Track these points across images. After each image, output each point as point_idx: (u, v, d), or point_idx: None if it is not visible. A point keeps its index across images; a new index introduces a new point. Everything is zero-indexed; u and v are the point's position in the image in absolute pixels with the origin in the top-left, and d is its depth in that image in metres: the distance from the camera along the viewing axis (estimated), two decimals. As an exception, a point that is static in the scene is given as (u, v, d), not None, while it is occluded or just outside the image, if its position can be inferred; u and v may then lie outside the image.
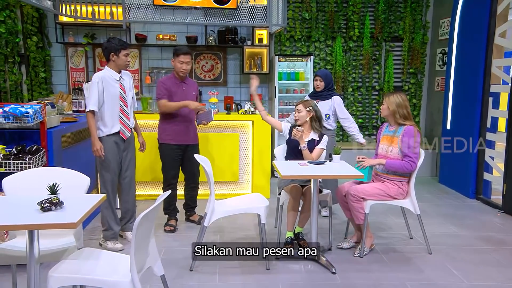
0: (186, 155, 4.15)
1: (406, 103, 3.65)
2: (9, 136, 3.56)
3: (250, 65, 6.34)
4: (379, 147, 3.76)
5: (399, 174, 3.61)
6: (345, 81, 6.78)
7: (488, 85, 5.19)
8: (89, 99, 3.54)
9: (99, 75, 3.58)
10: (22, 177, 2.71)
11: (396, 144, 3.59)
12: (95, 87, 3.51)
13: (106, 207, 3.66)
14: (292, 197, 3.66)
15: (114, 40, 3.61)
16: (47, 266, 2.58)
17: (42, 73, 6.07)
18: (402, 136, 3.56)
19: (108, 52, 3.59)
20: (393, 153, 3.60)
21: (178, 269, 3.32)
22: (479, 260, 3.58)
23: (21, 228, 2.11)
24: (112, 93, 3.59)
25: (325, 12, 6.62)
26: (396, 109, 3.61)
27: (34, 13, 5.92)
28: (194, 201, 4.41)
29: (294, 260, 3.50)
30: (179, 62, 3.98)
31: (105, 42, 3.64)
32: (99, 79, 3.54)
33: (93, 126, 3.53)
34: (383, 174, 3.67)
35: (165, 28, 6.31)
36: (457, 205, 5.16)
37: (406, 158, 3.53)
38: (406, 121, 3.61)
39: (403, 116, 3.61)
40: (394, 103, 3.61)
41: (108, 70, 3.63)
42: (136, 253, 2.12)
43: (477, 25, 5.33)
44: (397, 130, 3.62)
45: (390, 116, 3.66)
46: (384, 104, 3.69)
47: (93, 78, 3.57)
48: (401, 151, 3.56)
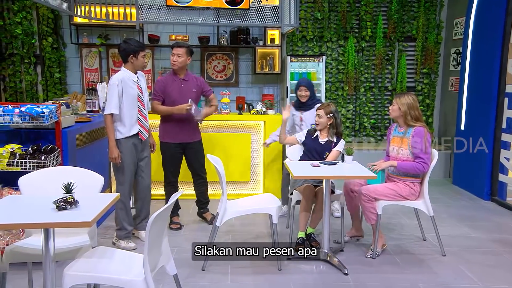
0: (188, 152, 4.18)
1: (417, 104, 3.61)
2: (25, 135, 3.62)
3: (262, 65, 6.34)
4: (390, 148, 3.73)
5: (411, 175, 3.58)
6: (358, 81, 6.74)
7: (504, 85, 5.11)
8: (109, 101, 3.51)
9: (118, 77, 3.56)
10: (37, 176, 2.75)
11: (406, 146, 3.57)
12: (115, 90, 3.50)
13: (121, 208, 3.69)
14: (305, 197, 3.66)
15: (132, 41, 3.61)
16: (62, 264, 2.62)
17: (57, 74, 6.15)
18: (412, 137, 3.53)
19: (127, 54, 3.58)
20: (404, 155, 3.58)
21: (190, 268, 3.34)
22: (493, 263, 3.53)
23: (37, 226, 2.14)
24: (131, 94, 3.59)
25: (337, 12, 6.59)
26: (408, 111, 3.57)
27: (49, 15, 6.00)
28: (205, 197, 4.42)
29: (306, 260, 3.49)
30: (171, 54, 4.00)
31: (123, 44, 3.62)
32: (119, 81, 3.53)
33: (112, 131, 3.54)
34: (395, 176, 3.64)
35: (178, 29, 6.34)
36: (471, 207, 5.10)
37: (417, 160, 3.50)
38: (417, 123, 3.58)
39: (414, 118, 3.58)
40: (406, 104, 3.57)
41: (126, 71, 3.63)
42: (150, 252, 2.14)
43: (492, 24, 5.26)
44: (407, 131, 3.59)
45: (401, 118, 3.63)
46: (394, 105, 3.65)
47: (112, 80, 3.55)
48: (411, 152, 3.53)
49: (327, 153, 3.79)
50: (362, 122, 6.84)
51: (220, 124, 5.17)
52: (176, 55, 3.98)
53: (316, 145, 3.83)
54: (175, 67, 4.04)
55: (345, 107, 6.80)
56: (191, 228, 4.27)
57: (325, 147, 3.81)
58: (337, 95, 6.76)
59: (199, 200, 4.42)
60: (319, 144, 3.83)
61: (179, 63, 4.01)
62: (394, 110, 3.66)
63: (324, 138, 3.84)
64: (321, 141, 3.84)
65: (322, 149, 3.81)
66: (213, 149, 4.96)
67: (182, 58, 4.00)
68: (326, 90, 6.53)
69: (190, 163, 4.26)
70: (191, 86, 4.15)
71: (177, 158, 4.16)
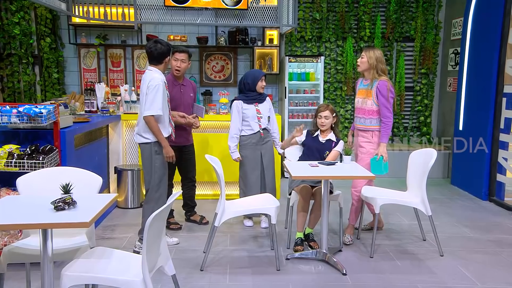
0: (182, 155, 4.17)
1: (383, 59, 3.85)
2: (23, 136, 3.61)
3: (260, 65, 6.34)
4: (356, 100, 4.00)
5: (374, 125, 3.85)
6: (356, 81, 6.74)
7: (502, 85, 5.12)
8: (152, 102, 3.35)
9: (161, 77, 3.42)
10: (35, 176, 2.74)
11: (370, 97, 3.80)
12: (160, 90, 3.38)
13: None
14: (302, 197, 3.66)
15: (163, 42, 3.50)
16: (60, 264, 2.62)
17: (55, 74, 6.14)
18: (379, 91, 3.75)
19: (164, 55, 3.47)
20: (368, 105, 3.82)
21: (189, 268, 3.34)
22: (492, 262, 3.54)
23: (35, 227, 2.13)
24: (166, 97, 3.53)
25: (335, 13, 6.59)
26: (376, 63, 3.77)
27: (47, 15, 5.99)
28: (193, 201, 4.43)
29: (305, 260, 3.50)
30: (174, 60, 3.93)
31: (158, 45, 3.45)
32: (163, 82, 3.42)
33: (160, 131, 3.46)
34: (360, 125, 3.91)
35: (176, 29, 6.34)
36: (470, 207, 5.11)
37: (384, 120, 3.76)
38: (381, 76, 3.79)
39: (381, 70, 3.80)
40: (374, 57, 3.78)
41: (158, 72, 3.49)
42: (148, 252, 2.14)
43: (490, 25, 5.27)
44: (372, 83, 3.80)
45: (368, 71, 3.83)
46: (363, 57, 3.84)
47: (155, 80, 3.38)
48: (376, 104, 3.77)
49: (327, 152, 3.81)
50: (361, 122, 6.84)
51: (218, 124, 5.17)
52: (180, 60, 3.95)
53: (317, 144, 3.85)
54: (179, 73, 4.02)
55: (344, 108, 6.81)
56: (189, 228, 4.27)
57: (325, 146, 3.83)
58: (335, 95, 6.77)
59: (187, 204, 4.41)
60: (319, 143, 3.85)
61: (183, 69, 4.01)
62: (363, 62, 3.85)
63: (324, 137, 3.86)
64: (322, 140, 3.85)
65: (323, 148, 3.83)
66: (212, 150, 4.96)
67: (185, 64, 4.00)
68: (324, 90, 6.53)
69: (183, 166, 4.25)
70: (189, 91, 4.18)
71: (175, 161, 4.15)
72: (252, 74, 4.17)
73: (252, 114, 4.11)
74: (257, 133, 4.14)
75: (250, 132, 4.15)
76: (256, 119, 4.12)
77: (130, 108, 5.21)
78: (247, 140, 4.15)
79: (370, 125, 3.84)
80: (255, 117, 4.12)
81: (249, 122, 4.12)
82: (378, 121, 3.82)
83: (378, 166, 3.75)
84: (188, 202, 4.40)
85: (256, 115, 4.12)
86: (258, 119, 4.12)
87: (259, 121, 4.13)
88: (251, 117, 4.11)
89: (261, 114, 4.14)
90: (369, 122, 3.84)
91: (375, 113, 3.80)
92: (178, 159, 4.18)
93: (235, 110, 4.12)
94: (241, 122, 4.13)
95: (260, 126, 4.14)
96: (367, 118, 3.84)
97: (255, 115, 4.12)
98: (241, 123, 4.14)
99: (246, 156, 4.16)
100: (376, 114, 3.80)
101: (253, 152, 4.15)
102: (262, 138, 4.17)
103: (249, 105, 4.12)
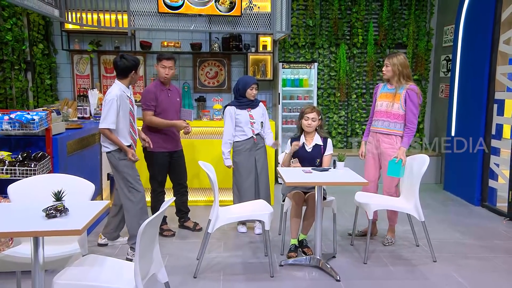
0: (174, 161, 4.18)
1: (407, 63, 3.84)
2: (15, 142, 3.58)
3: (254, 71, 6.36)
4: (378, 104, 3.94)
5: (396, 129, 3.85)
6: (349, 87, 6.79)
7: (493, 92, 5.18)
8: (106, 116, 3.45)
9: (117, 93, 3.48)
10: (27, 183, 2.72)
11: (398, 100, 3.80)
12: (114, 105, 3.46)
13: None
14: (295, 204, 3.66)
15: (130, 57, 3.56)
16: (51, 272, 2.59)
17: (47, 80, 6.11)
18: (408, 96, 3.76)
19: (129, 70, 3.55)
20: (395, 108, 3.81)
21: (182, 276, 3.32)
22: (484, 268, 3.55)
23: (26, 235, 2.11)
24: (125, 109, 3.57)
25: (329, 19, 6.64)
26: (401, 69, 3.78)
27: (40, 21, 5.97)
28: (186, 207, 4.42)
29: (298, 267, 3.49)
30: (162, 67, 4.00)
31: (123, 60, 3.52)
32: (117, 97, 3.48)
33: (118, 139, 3.53)
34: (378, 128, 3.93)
35: (170, 35, 6.34)
36: (462, 212, 5.13)
37: (409, 126, 3.78)
38: (408, 81, 3.80)
39: (407, 76, 3.79)
40: (398, 64, 3.78)
41: (121, 86, 3.56)
42: (141, 260, 2.13)
43: (481, 32, 5.33)
44: (399, 88, 3.80)
45: (395, 77, 3.81)
46: (388, 66, 3.84)
47: (111, 95, 3.48)
48: (403, 109, 3.78)
49: (318, 160, 3.78)
50: (354, 128, 6.88)
51: (212, 130, 5.16)
52: (167, 68, 4.01)
53: (304, 153, 3.77)
54: (166, 80, 4.07)
55: (337, 113, 6.84)
56: (182, 235, 4.25)
57: (314, 153, 3.77)
58: (329, 101, 6.80)
59: (180, 210, 4.39)
60: (306, 152, 3.78)
61: (170, 76, 4.07)
62: (388, 71, 3.84)
63: (310, 144, 3.79)
64: (308, 148, 3.78)
65: (312, 156, 3.77)
66: (205, 156, 4.95)
67: (173, 70, 4.07)
68: (318, 96, 6.56)
69: (175, 172, 4.24)
70: (175, 96, 4.20)
71: (166, 167, 4.15)
72: (244, 81, 4.19)
73: (245, 120, 4.12)
74: (251, 138, 4.14)
75: (244, 138, 4.15)
76: (249, 124, 4.13)
77: (123, 115, 5.18)
78: (241, 146, 4.16)
79: (394, 129, 3.84)
80: (248, 123, 4.13)
81: (243, 128, 4.13)
82: (402, 126, 3.83)
83: (396, 169, 3.76)
84: (182, 208, 4.38)
85: (249, 120, 4.13)
86: (251, 124, 4.13)
87: (252, 126, 4.14)
88: (244, 123, 4.12)
89: (254, 119, 4.15)
90: (393, 126, 3.84)
91: (400, 118, 3.81)
92: (169, 165, 4.18)
93: (228, 115, 4.13)
94: (234, 127, 4.14)
95: (253, 131, 4.14)
96: (391, 121, 3.84)
97: (248, 120, 4.12)
98: (235, 128, 4.14)
99: (240, 162, 4.16)
100: (401, 119, 3.82)
101: (247, 158, 4.15)
102: (255, 144, 4.17)
103: (242, 110, 4.13)
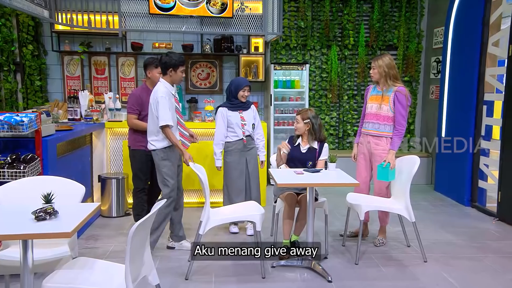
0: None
1: (393, 63, 3.84)
2: (4, 144, 3.54)
3: (246, 73, 6.36)
4: (368, 106, 3.98)
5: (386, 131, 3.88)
6: (341, 89, 6.81)
7: (482, 93, 5.23)
8: (162, 114, 3.50)
9: (163, 90, 3.56)
10: (16, 186, 2.69)
11: (387, 102, 3.82)
12: (165, 102, 3.52)
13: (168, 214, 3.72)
14: (288, 205, 3.66)
15: (173, 55, 3.61)
16: (41, 276, 2.56)
17: (37, 81, 6.06)
18: (396, 98, 3.78)
19: (167, 67, 3.60)
20: (384, 110, 3.83)
21: (173, 278, 3.30)
22: (475, 268, 3.58)
23: (15, 237, 2.09)
24: (172, 107, 3.63)
25: (320, 21, 6.66)
26: (387, 70, 3.79)
27: (30, 22, 5.92)
28: None
29: (290, 268, 3.49)
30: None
31: (164, 56, 3.61)
32: (165, 93, 3.55)
33: (176, 139, 3.61)
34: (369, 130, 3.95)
35: (161, 37, 6.32)
36: (453, 213, 5.17)
37: (398, 128, 3.81)
38: (396, 82, 3.81)
39: (394, 77, 3.81)
40: (384, 65, 3.80)
41: (165, 83, 3.63)
42: (131, 262, 2.11)
43: (470, 34, 5.39)
44: (388, 89, 3.83)
45: (382, 79, 3.84)
46: (374, 68, 3.86)
47: (159, 93, 3.55)
48: (392, 111, 3.80)
49: (310, 162, 3.79)
50: (346, 130, 6.91)
51: (203, 132, 5.16)
52: (158, 74, 3.99)
53: (297, 154, 3.81)
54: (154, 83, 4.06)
55: (329, 115, 6.86)
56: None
57: (307, 155, 3.79)
58: (320, 102, 6.82)
59: None
60: (300, 153, 3.81)
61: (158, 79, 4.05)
62: (374, 73, 3.87)
63: (305, 146, 3.82)
64: (303, 149, 3.81)
65: (305, 158, 3.78)
66: (197, 157, 4.92)
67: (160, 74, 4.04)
68: (309, 97, 6.59)
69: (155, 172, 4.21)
70: None
71: (148, 166, 4.12)
72: (237, 82, 4.20)
73: (236, 121, 4.13)
74: (241, 140, 4.15)
75: (235, 139, 4.15)
76: (240, 126, 4.13)
77: (114, 116, 5.16)
78: (232, 146, 4.16)
79: (384, 131, 3.87)
80: (239, 124, 4.13)
81: (234, 129, 4.14)
82: (391, 127, 3.86)
83: (384, 173, 3.78)
84: None
85: (240, 122, 4.13)
86: (242, 126, 4.14)
87: (243, 128, 4.14)
88: (235, 124, 4.14)
89: (245, 121, 4.15)
90: (383, 128, 3.87)
91: (390, 120, 3.84)
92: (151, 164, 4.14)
93: (220, 116, 4.14)
94: (226, 128, 4.14)
95: (243, 133, 4.15)
96: (381, 123, 3.87)
97: (239, 122, 4.13)
98: (226, 129, 4.14)
99: (231, 161, 4.16)
100: (391, 121, 3.85)
101: (238, 159, 4.15)
102: (245, 145, 4.18)
103: (234, 112, 4.14)
